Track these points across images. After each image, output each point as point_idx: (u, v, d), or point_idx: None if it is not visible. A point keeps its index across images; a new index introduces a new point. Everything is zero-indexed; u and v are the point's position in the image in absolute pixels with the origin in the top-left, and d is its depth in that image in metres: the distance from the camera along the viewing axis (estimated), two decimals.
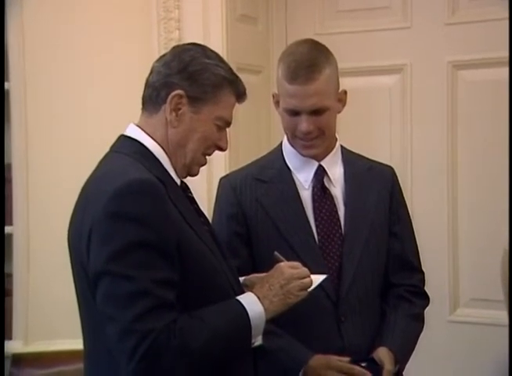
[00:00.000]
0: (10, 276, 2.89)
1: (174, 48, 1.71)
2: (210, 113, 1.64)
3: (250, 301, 1.58)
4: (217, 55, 1.68)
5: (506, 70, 2.76)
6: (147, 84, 1.67)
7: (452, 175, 3.08)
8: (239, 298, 1.60)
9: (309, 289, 1.66)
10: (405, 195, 2.19)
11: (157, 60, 1.69)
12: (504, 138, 2.81)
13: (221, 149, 1.70)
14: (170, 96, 1.61)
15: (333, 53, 2.00)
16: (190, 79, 1.62)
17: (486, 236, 3.01)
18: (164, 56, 1.69)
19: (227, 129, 1.71)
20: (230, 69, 1.68)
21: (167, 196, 1.54)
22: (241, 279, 1.75)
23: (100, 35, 2.89)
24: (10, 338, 2.85)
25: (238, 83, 1.68)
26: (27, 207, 2.87)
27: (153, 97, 1.64)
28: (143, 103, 1.68)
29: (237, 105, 1.71)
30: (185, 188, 1.71)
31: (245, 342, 1.58)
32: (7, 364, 2.77)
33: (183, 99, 1.61)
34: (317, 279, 1.69)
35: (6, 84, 2.85)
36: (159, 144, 1.63)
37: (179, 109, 1.62)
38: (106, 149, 1.69)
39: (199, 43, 1.73)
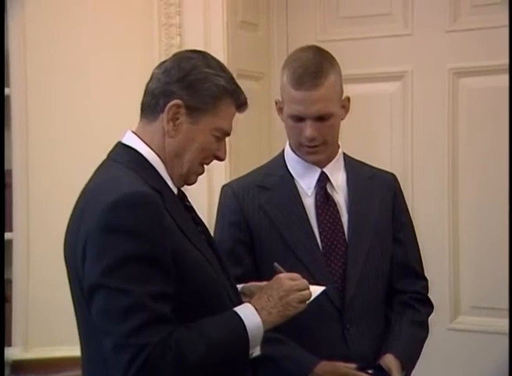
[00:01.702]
0: (10, 282, 2.88)
1: (175, 55, 1.69)
2: (209, 124, 1.61)
3: (247, 313, 1.56)
4: (218, 63, 1.65)
5: (507, 77, 2.76)
6: (146, 91, 1.64)
7: (453, 182, 3.08)
8: (236, 309, 1.58)
9: (308, 301, 1.64)
10: (406, 202, 2.18)
11: (158, 67, 1.67)
12: (505, 145, 2.81)
13: (219, 159, 1.67)
14: (168, 106, 1.59)
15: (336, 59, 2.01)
16: (190, 89, 1.59)
17: (487, 244, 3.00)
18: (164, 62, 1.67)
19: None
20: (231, 78, 1.65)
21: (163, 207, 1.52)
22: (239, 286, 1.74)
23: (101, 41, 2.90)
24: (10, 345, 2.84)
25: (238, 93, 1.65)
26: (27, 213, 2.87)
27: (152, 105, 1.62)
28: (142, 110, 1.65)
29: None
30: (182, 197, 1.69)
31: (242, 354, 1.56)
32: (7, 371, 2.76)
33: (181, 109, 1.59)
34: (316, 290, 1.67)
35: (7, 90, 2.85)
36: (156, 153, 1.61)
37: (177, 119, 1.59)
38: (106, 154, 1.68)
39: (201, 50, 1.70)
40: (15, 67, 2.85)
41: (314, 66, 1.92)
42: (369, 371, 1.89)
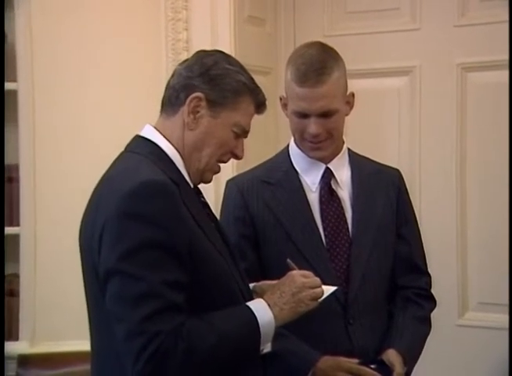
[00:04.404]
0: (17, 276, 2.88)
1: (197, 52, 1.71)
2: (229, 119, 1.63)
3: (260, 308, 1.57)
4: (239, 63, 1.68)
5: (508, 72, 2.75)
6: (168, 87, 1.67)
7: (461, 177, 3.07)
8: (249, 303, 1.59)
9: (320, 299, 1.65)
10: (413, 197, 2.18)
11: (180, 64, 1.70)
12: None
13: (237, 157, 1.70)
14: (189, 98, 1.61)
15: (341, 55, 2.00)
16: (211, 83, 1.62)
17: (495, 240, 2.99)
18: (186, 60, 1.70)
19: None
20: (252, 78, 1.67)
21: (180, 198, 1.53)
22: (251, 285, 1.74)
23: (108, 36, 2.89)
24: (17, 339, 2.85)
25: (258, 92, 1.67)
26: (34, 207, 2.87)
27: (173, 99, 1.64)
28: (162, 105, 1.67)
29: None
30: (198, 193, 1.71)
31: (253, 349, 1.56)
32: (13, 365, 2.76)
33: (202, 102, 1.61)
34: (328, 289, 1.68)
35: (14, 85, 2.85)
36: (174, 147, 1.63)
37: (198, 112, 1.62)
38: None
39: (222, 50, 1.73)
40: (22, 62, 2.85)
41: (318, 63, 1.92)
42: (372, 366, 1.89)
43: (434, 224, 2.96)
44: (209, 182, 1.70)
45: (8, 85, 2.81)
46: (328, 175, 2.02)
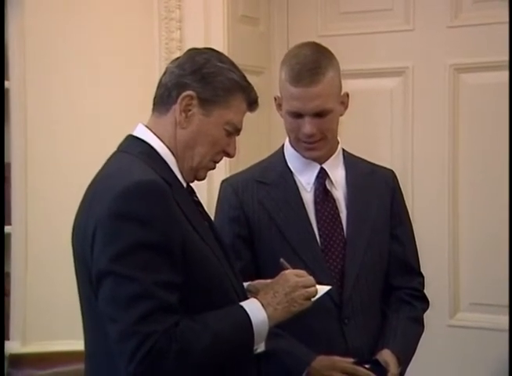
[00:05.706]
0: (8, 275, 2.87)
1: (189, 50, 1.71)
2: (221, 117, 1.63)
3: (253, 308, 1.57)
4: (231, 61, 1.68)
5: (508, 73, 2.75)
6: (159, 85, 1.67)
7: (453, 178, 3.07)
8: (242, 304, 1.58)
9: (313, 298, 1.65)
10: (405, 198, 2.19)
11: (172, 61, 1.70)
12: (506, 141, 2.81)
13: (229, 155, 1.69)
14: (181, 97, 1.61)
15: (335, 55, 2.00)
16: (203, 81, 1.62)
17: (487, 241, 3.00)
18: (178, 58, 1.70)
19: None
20: (243, 76, 1.67)
21: (172, 197, 1.53)
22: (245, 284, 1.74)
23: (101, 35, 2.89)
24: (8, 339, 2.84)
25: (250, 90, 1.67)
26: (26, 206, 2.86)
27: (164, 97, 1.64)
28: (154, 104, 1.67)
29: None
30: (191, 192, 1.70)
31: (247, 349, 1.56)
32: (5, 365, 2.75)
33: (194, 101, 1.61)
34: (322, 289, 1.68)
35: (6, 83, 2.83)
36: (167, 146, 1.63)
37: (189, 110, 1.61)
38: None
39: (214, 48, 1.73)
40: (14, 61, 2.84)
41: (312, 63, 1.92)
42: (367, 366, 1.89)
43: (427, 224, 2.96)
44: (203, 179, 1.69)
45: None
46: (323, 175, 2.02)
